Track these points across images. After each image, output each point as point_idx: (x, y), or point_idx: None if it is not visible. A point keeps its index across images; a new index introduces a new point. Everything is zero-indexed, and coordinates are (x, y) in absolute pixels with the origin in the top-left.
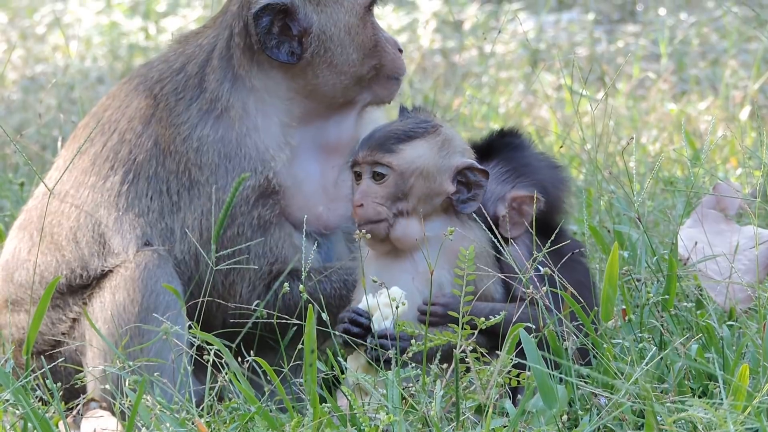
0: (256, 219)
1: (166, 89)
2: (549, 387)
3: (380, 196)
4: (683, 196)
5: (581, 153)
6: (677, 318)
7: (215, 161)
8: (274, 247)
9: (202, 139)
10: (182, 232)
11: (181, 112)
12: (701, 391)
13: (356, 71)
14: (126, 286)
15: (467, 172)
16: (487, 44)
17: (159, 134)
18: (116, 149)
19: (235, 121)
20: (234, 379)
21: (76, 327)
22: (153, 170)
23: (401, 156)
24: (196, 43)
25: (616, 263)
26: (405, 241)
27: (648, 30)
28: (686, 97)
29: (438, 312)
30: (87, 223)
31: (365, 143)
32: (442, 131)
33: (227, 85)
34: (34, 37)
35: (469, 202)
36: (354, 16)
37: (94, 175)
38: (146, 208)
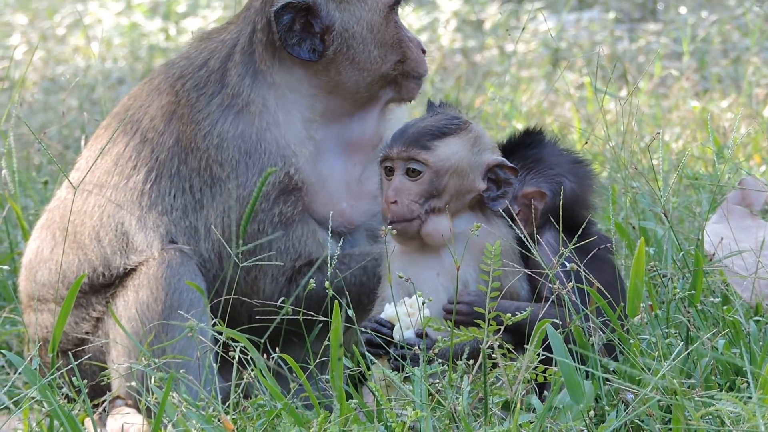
0: (277, 216)
1: (187, 85)
2: (576, 383)
3: (414, 193)
4: (708, 191)
5: (605, 150)
6: (704, 313)
7: (236, 157)
8: (297, 243)
9: (222, 135)
10: (206, 230)
11: (201, 108)
12: (728, 387)
13: (378, 68)
14: (150, 284)
15: (497, 170)
16: (508, 43)
17: (180, 131)
18: (138, 149)
19: (255, 117)
20: (260, 376)
21: (99, 326)
22: (175, 168)
23: (436, 153)
24: (219, 39)
25: (642, 259)
26: (435, 238)
27: (669, 28)
28: (708, 95)
29: (463, 311)
30: (110, 222)
31: (399, 138)
32: (472, 128)
33: (248, 80)
34: (55, 39)
35: (498, 200)
36: (377, 14)
37: (117, 175)
38: (169, 207)
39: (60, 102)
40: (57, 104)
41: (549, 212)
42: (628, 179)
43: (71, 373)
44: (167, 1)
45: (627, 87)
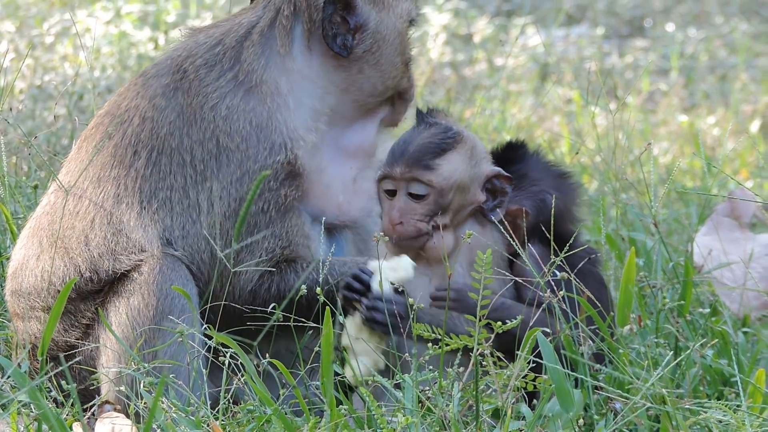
0: (282, 197)
1: (198, 62)
2: (566, 391)
3: (420, 213)
4: (697, 204)
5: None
6: (692, 324)
7: (246, 128)
8: (290, 230)
9: (232, 108)
10: (209, 204)
11: (210, 82)
12: (716, 397)
13: (395, 77)
14: (141, 289)
15: (494, 180)
16: (497, 57)
17: (185, 104)
18: (137, 131)
19: (267, 97)
20: (250, 381)
21: (90, 332)
22: (177, 142)
23: (439, 172)
24: (235, 21)
25: (632, 269)
26: (438, 252)
27: (657, 45)
28: (695, 111)
29: (451, 296)
30: (101, 223)
31: (400, 158)
32: (466, 138)
33: (263, 61)
34: (43, 47)
35: (495, 210)
36: (402, 25)
37: (117, 166)
38: (169, 190)
39: (48, 109)
40: (45, 112)
41: (534, 226)
42: (618, 191)
43: (60, 378)
44: (156, 10)
45: (617, 102)
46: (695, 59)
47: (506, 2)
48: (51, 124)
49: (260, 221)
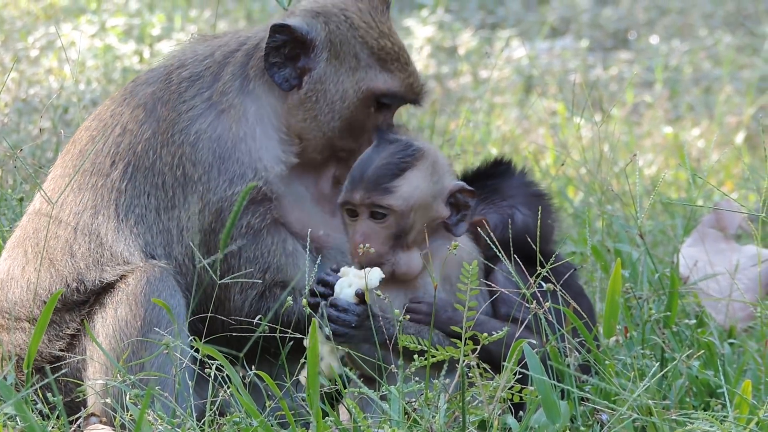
0: (244, 227)
1: (183, 74)
2: (552, 402)
3: (382, 236)
4: (683, 215)
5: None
6: (678, 335)
7: (209, 160)
8: (265, 252)
9: (199, 134)
10: (179, 232)
11: (187, 99)
12: (702, 408)
13: (332, 138)
14: (129, 300)
15: (457, 194)
16: (482, 70)
17: (161, 119)
18: (117, 142)
19: (233, 123)
20: (236, 393)
21: (75, 343)
22: (150, 162)
23: (399, 195)
24: (235, 35)
25: (618, 280)
26: (409, 274)
27: (641, 57)
28: (680, 123)
29: (423, 310)
30: (84, 233)
31: (359, 183)
32: (427, 153)
33: (237, 83)
34: (28, 60)
35: (459, 224)
36: (355, 93)
37: (95, 175)
38: (144, 208)
39: (33, 123)
40: (30, 125)
41: (501, 242)
42: (603, 203)
43: (46, 390)
44: (141, 24)
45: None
46: (679, 71)
47: (490, 15)
48: (36, 137)
49: (232, 245)
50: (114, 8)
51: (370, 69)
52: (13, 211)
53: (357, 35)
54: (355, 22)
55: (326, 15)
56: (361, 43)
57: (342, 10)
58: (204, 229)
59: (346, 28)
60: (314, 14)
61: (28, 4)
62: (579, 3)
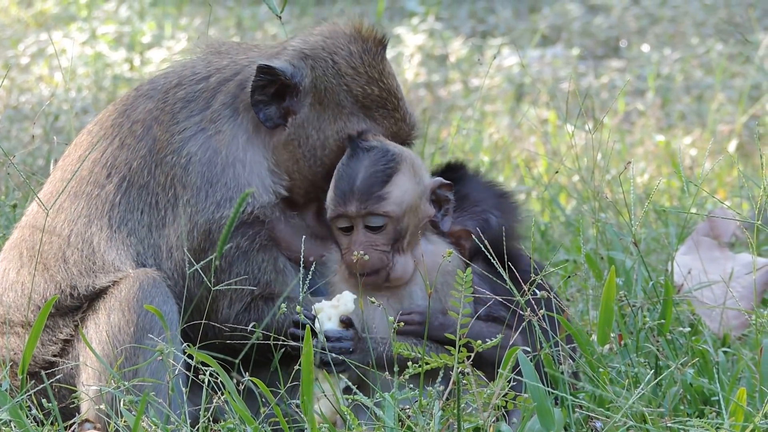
0: (234, 248)
1: (180, 94)
2: (546, 409)
3: (381, 243)
4: (677, 223)
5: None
6: (673, 343)
7: (198, 183)
8: (256, 270)
9: (191, 156)
10: (167, 250)
11: (180, 121)
12: (696, 416)
13: (314, 180)
14: (122, 306)
15: (437, 190)
16: (472, 78)
17: (156, 139)
18: (115, 154)
19: (223, 148)
20: (230, 399)
21: (68, 349)
22: (145, 180)
23: (392, 200)
24: (233, 60)
25: (612, 288)
26: (403, 278)
27: (632, 65)
28: (672, 131)
29: (415, 320)
30: (77, 240)
31: (350, 195)
32: (404, 157)
33: (228, 111)
34: (19, 68)
35: (444, 218)
36: (335, 141)
37: (91, 184)
38: (137, 223)
39: (24, 130)
40: (21, 132)
41: (478, 247)
42: (597, 211)
43: (40, 395)
44: (132, 31)
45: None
46: (671, 80)
47: (481, 23)
48: (27, 144)
49: (222, 264)
50: (104, 16)
51: (352, 117)
52: (6, 217)
53: (342, 82)
54: (342, 69)
55: (314, 59)
56: (345, 90)
57: (331, 54)
58: (193, 248)
59: (332, 75)
60: (303, 56)
61: (19, 11)
62: (570, 11)
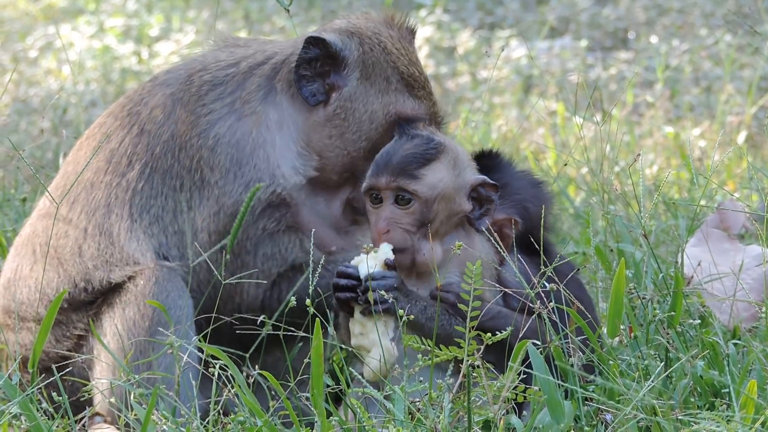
0: (261, 229)
1: (205, 77)
2: (557, 402)
3: (406, 221)
4: (687, 215)
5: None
6: (683, 335)
7: (226, 165)
8: (283, 250)
9: (218, 138)
10: (193, 233)
11: (207, 103)
12: (707, 408)
13: (356, 158)
14: (137, 301)
15: (479, 188)
16: (480, 70)
17: (180, 121)
18: (135, 142)
19: (254, 129)
20: (240, 392)
21: (83, 343)
22: (168, 164)
23: (424, 182)
24: (260, 48)
25: (622, 279)
26: (427, 265)
27: (641, 57)
28: (681, 123)
29: (449, 299)
30: (95, 232)
31: (384, 168)
32: (449, 148)
33: (262, 93)
34: (27, 61)
35: (481, 218)
36: (384, 115)
37: (110, 173)
38: (161, 209)
39: (32, 123)
40: (30, 126)
41: (518, 236)
42: (606, 203)
43: (51, 389)
44: (140, 24)
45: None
46: (680, 71)
47: (489, 15)
48: (36, 138)
49: (247, 246)
50: (112, 9)
51: (399, 94)
52: (16, 211)
53: (389, 59)
54: (388, 47)
55: (360, 36)
56: (392, 67)
57: (375, 33)
58: (219, 230)
59: (379, 51)
60: (349, 33)
61: (27, 5)
62: (578, 2)
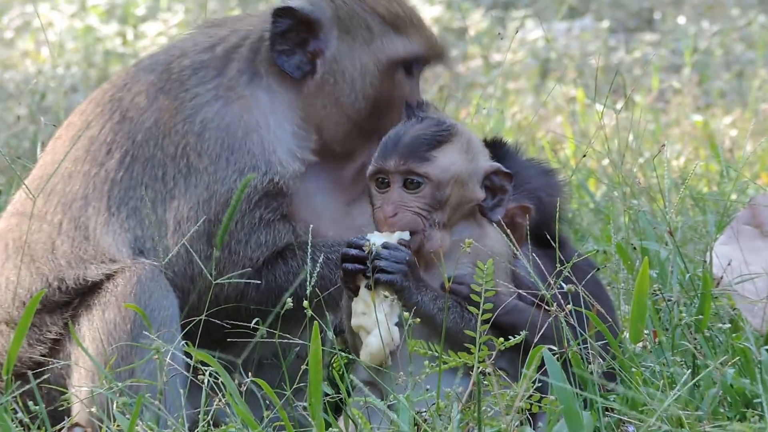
0: (257, 219)
1: (184, 63)
2: (575, 412)
3: (415, 206)
4: (716, 210)
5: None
6: (711, 340)
7: (216, 151)
8: (277, 237)
9: (206, 123)
10: (176, 223)
11: (190, 87)
12: (738, 419)
13: (358, 119)
14: (117, 302)
15: (493, 177)
16: (494, 53)
17: (163, 109)
18: (116, 129)
19: (245, 112)
20: (231, 401)
21: (60, 348)
22: (150, 152)
23: (436, 164)
24: (232, 28)
25: (645, 281)
26: (436, 255)
27: (667, 39)
28: (710, 111)
29: (463, 291)
30: (70, 226)
31: (393, 150)
32: (461, 132)
33: (246, 78)
34: (2, 42)
35: (495, 209)
36: (375, 65)
37: (89, 163)
38: (139, 201)
39: (8, 109)
40: (5, 112)
41: (530, 227)
42: (628, 197)
43: (26, 398)
44: (125, 3)
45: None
46: (709, 54)
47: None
48: (12, 126)
49: (239, 235)
50: None
51: (385, 38)
52: None
53: (365, 6)
54: None
55: None
56: (371, 13)
57: None
58: (210, 219)
59: (352, 1)
60: None
61: None
62: None
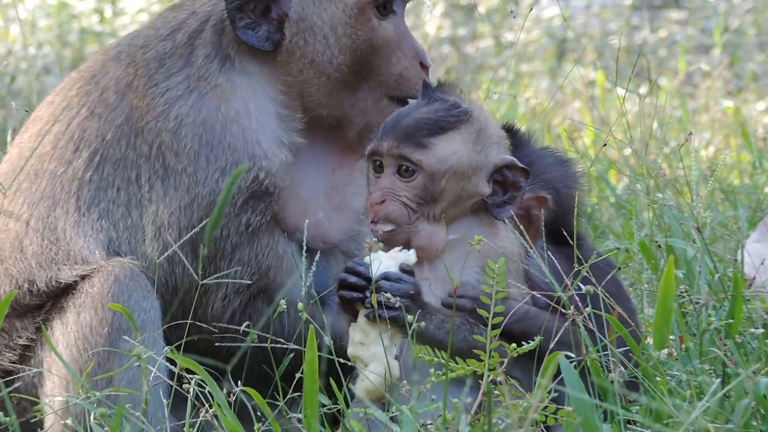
0: (243, 225)
1: (148, 55)
2: (594, 425)
3: (405, 195)
4: (748, 205)
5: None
6: (743, 347)
7: (194, 148)
8: (260, 254)
9: (181, 118)
10: (156, 229)
11: (159, 82)
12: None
13: (341, 77)
14: (93, 303)
15: (505, 171)
16: (506, 32)
17: (133, 107)
18: (84, 126)
19: (222, 103)
20: (219, 413)
21: (31, 355)
22: (122, 153)
23: (433, 153)
24: (191, 9)
25: (671, 282)
26: (429, 250)
27: (695, 17)
28: (742, 96)
29: (466, 306)
30: (38, 226)
31: (390, 132)
32: (475, 118)
33: (216, 64)
34: None
35: (504, 206)
36: (343, 12)
37: (55, 161)
38: (112, 202)
39: None
40: None
41: (546, 222)
42: (653, 190)
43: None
44: None
45: (650, 84)
46: (741, 34)
47: None
48: None
49: (225, 248)
50: None
51: None
52: None
53: None
54: None
55: None
56: None
57: None
58: (192, 224)
59: None
60: None
61: None
62: None
